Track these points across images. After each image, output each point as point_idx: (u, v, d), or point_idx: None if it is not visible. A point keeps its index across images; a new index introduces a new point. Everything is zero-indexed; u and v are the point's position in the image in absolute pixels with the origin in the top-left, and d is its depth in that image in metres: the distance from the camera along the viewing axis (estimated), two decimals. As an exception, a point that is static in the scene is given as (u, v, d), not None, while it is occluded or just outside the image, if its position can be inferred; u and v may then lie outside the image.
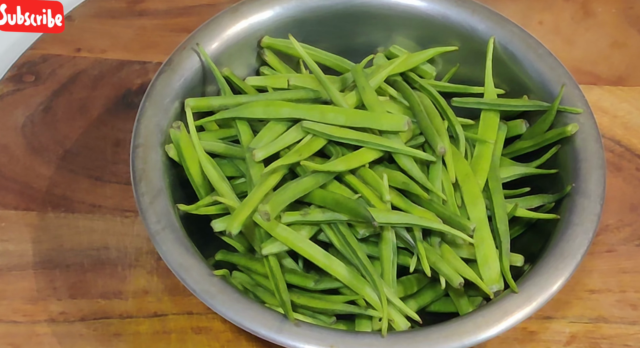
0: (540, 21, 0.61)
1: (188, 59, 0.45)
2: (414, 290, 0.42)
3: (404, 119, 0.42)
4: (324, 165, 0.40)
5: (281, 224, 0.40)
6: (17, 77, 0.55)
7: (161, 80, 0.44)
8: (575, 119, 0.44)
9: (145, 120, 0.43)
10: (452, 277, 0.39)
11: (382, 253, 0.40)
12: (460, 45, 0.49)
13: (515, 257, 0.42)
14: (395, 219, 0.39)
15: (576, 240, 0.40)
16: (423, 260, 0.39)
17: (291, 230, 0.40)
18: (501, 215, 0.42)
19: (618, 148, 0.53)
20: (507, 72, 0.47)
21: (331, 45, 0.50)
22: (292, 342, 0.36)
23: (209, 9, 0.59)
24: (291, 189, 0.40)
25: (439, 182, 0.42)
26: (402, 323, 0.39)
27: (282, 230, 0.40)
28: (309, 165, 0.40)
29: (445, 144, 0.42)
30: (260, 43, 0.48)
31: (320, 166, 0.40)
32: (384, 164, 0.43)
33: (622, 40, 0.60)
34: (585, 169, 0.43)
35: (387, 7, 0.49)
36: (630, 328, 0.46)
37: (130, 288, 0.46)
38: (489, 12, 0.48)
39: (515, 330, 0.45)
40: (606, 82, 0.57)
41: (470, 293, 0.42)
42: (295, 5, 0.48)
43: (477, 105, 0.46)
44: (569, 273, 0.39)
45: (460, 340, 0.37)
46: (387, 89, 0.46)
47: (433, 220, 0.40)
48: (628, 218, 0.50)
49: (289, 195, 0.40)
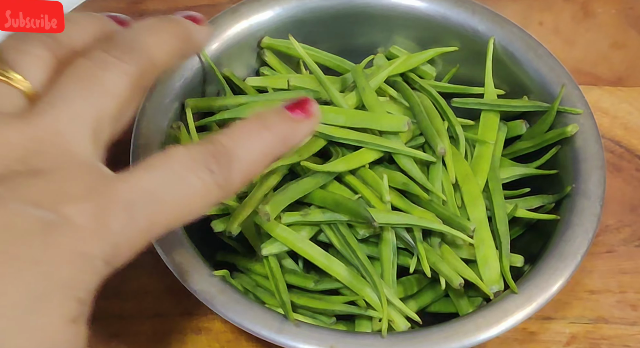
0: (540, 22, 0.61)
1: (188, 59, 0.45)
2: (414, 291, 0.42)
3: (404, 119, 0.42)
4: (324, 165, 0.40)
5: (281, 224, 0.40)
6: (17, 78, 0.55)
7: (161, 81, 0.44)
8: (575, 120, 0.44)
9: (145, 121, 0.43)
10: (452, 277, 0.39)
11: (382, 253, 0.40)
12: (460, 46, 0.49)
13: (515, 258, 0.42)
14: (395, 220, 0.39)
15: (576, 240, 0.40)
16: (423, 260, 0.39)
17: (291, 231, 0.40)
18: (501, 215, 0.42)
19: (618, 149, 0.53)
20: (507, 72, 0.48)
21: (331, 45, 0.50)
22: (292, 342, 0.36)
23: (209, 9, 0.59)
24: (291, 190, 0.40)
25: (439, 183, 0.42)
26: (401, 324, 0.39)
27: (282, 230, 0.40)
28: (309, 166, 0.40)
29: (445, 144, 0.42)
30: (260, 43, 0.48)
31: (320, 166, 0.40)
32: (384, 164, 0.43)
33: (622, 41, 0.60)
34: (585, 170, 0.43)
35: (387, 8, 0.49)
36: (630, 328, 0.46)
37: (130, 289, 0.46)
38: (489, 12, 0.48)
39: (515, 331, 0.45)
40: (606, 82, 0.57)
41: (470, 293, 0.42)
42: (296, 6, 0.48)
43: (477, 105, 0.46)
44: (569, 274, 0.39)
45: (460, 341, 0.37)
46: (387, 90, 0.46)
47: (433, 221, 0.40)
48: (628, 218, 0.50)
49: (289, 196, 0.40)
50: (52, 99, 0.27)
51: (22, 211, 0.24)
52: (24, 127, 0.26)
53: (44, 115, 0.27)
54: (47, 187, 0.25)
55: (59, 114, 0.27)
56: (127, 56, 0.29)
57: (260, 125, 0.30)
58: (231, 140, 0.29)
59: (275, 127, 0.31)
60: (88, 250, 0.25)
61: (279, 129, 0.31)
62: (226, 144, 0.29)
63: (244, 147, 0.29)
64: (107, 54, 0.29)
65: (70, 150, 0.27)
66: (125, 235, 0.26)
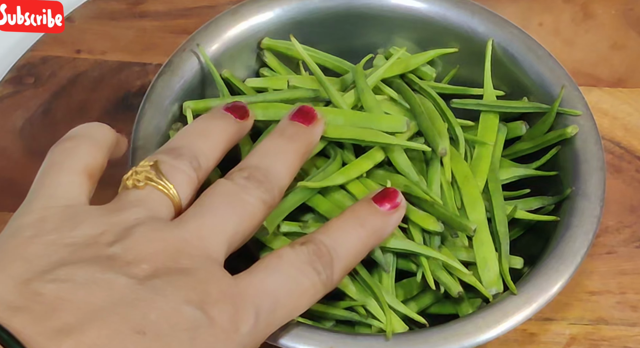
0: (540, 23, 0.61)
1: (188, 61, 0.46)
2: (414, 294, 0.42)
3: (403, 120, 0.42)
4: (323, 181, 0.40)
5: (280, 235, 0.40)
6: (16, 79, 0.55)
7: (161, 82, 0.44)
8: (575, 121, 0.44)
9: (145, 122, 0.43)
10: (451, 286, 0.39)
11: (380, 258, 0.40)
12: (460, 47, 0.49)
13: (515, 259, 0.42)
14: (399, 245, 0.39)
15: (576, 241, 0.40)
16: (427, 272, 0.39)
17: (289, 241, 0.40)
18: (501, 216, 0.42)
19: (618, 149, 0.53)
20: (506, 73, 0.47)
21: (331, 46, 0.50)
22: (292, 343, 0.36)
23: (209, 10, 0.59)
24: (287, 201, 0.40)
25: (437, 184, 0.42)
26: (400, 327, 0.39)
27: (281, 241, 0.40)
28: (307, 185, 0.40)
29: (446, 145, 0.42)
30: (260, 44, 0.48)
31: (318, 184, 0.40)
32: (384, 167, 0.43)
33: (622, 42, 0.60)
34: (585, 171, 0.43)
35: (387, 9, 0.49)
36: (630, 329, 0.46)
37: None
38: (489, 13, 0.48)
39: (515, 332, 0.45)
40: (606, 83, 0.57)
41: (470, 295, 0.42)
42: (296, 7, 0.48)
43: (477, 106, 0.46)
44: (569, 275, 0.39)
45: (460, 342, 0.36)
46: (384, 89, 0.46)
47: (433, 250, 0.40)
48: (628, 219, 0.50)
49: (286, 207, 0.40)
50: (201, 212, 0.31)
51: (177, 305, 0.27)
52: (176, 230, 0.30)
53: (191, 222, 0.30)
54: (194, 285, 0.28)
55: (205, 224, 0.30)
56: (264, 187, 0.33)
57: (356, 222, 0.33)
58: (330, 238, 0.32)
59: (369, 223, 0.34)
60: None
61: (372, 224, 0.34)
62: (327, 243, 0.32)
63: (343, 246, 0.32)
64: (248, 181, 0.33)
65: (210, 255, 0.30)
66: (251, 336, 0.29)
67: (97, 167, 0.34)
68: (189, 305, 0.27)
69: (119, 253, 0.28)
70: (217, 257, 0.30)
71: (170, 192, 0.32)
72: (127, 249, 0.28)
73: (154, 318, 0.26)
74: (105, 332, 0.25)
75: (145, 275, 0.27)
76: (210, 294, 0.28)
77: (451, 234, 0.41)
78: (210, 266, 0.29)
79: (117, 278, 0.27)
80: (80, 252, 0.28)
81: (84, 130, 0.35)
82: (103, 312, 0.26)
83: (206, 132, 0.35)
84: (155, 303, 0.26)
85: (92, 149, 0.34)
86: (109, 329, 0.25)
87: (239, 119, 0.37)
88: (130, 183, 0.32)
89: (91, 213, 0.30)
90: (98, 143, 0.34)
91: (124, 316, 0.26)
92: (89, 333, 0.25)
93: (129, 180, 0.32)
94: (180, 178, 0.32)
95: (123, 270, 0.27)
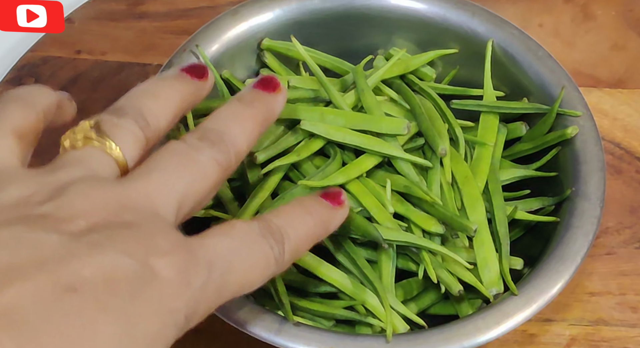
0: (540, 23, 0.61)
1: (188, 61, 0.45)
2: (414, 294, 0.42)
3: (403, 122, 0.42)
4: (323, 181, 0.40)
5: None
6: (16, 80, 0.55)
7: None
8: (575, 122, 0.44)
9: (145, 122, 0.43)
10: (452, 285, 0.39)
11: (380, 257, 0.40)
12: (460, 48, 0.49)
13: (515, 260, 0.42)
14: (402, 238, 0.39)
15: (576, 242, 0.40)
16: (429, 267, 0.39)
17: None
18: (501, 217, 0.42)
19: (618, 150, 0.53)
20: (506, 74, 0.48)
21: (331, 47, 0.50)
22: (292, 343, 0.36)
23: (209, 11, 0.59)
24: (287, 200, 0.40)
25: (438, 185, 0.42)
26: (401, 328, 0.39)
27: None
28: (308, 184, 0.40)
29: (446, 145, 0.42)
30: (260, 45, 0.48)
31: (318, 183, 0.40)
32: (385, 167, 0.43)
33: (622, 43, 0.60)
34: (585, 172, 0.43)
35: (387, 10, 0.49)
36: (630, 330, 0.46)
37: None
38: (489, 14, 0.48)
39: (515, 333, 0.45)
40: (606, 84, 0.57)
41: (470, 295, 0.42)
42: (296, 8, 0.49)
43: (477, 107, 0.46)
44: (569, 276, 0.39)
45: (460, 343, 0.36)
46: (384, 90, 0.46)
47: (433, 243, 0.40)
48: (628, 220, 0.50)
49: None
50: (147, 170, 0.29)
51: (118, 260, 0.25)
52: (119, 187, 0.28)
53: (138, 180, 0.28)
54: (139, 238, 0.26)
55: (152, 181, 0.28)
56: (218, 147, 0.31)
57: (303, 210, 0.32)
58: (280, 219, 0.31)
59: (316, 212, 0.33)
60: (173, 305, 0.26)
61: (319, 214, 0.33)
62: (277, 223, 0.31)
63: (292, 228, 0.31)
64: (200, 141, 0.30)
65: (157, 212, 0.28)
66: (204, 292, 0.27)
67: (28, 128, 0.31)
68: (131, 259, 0.25)
69: (51, 212, 0.26)
70: (165, 215, 0.28)
71: (114, 151, 0.29)
72: (60, 207, 0.26)
73: (88, 274, 0.24)
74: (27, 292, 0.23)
75: (80, 230, 0.25)
76: (156, 247, 0.26)
77: (451, 235, 0.41)
78: (158, 222, 0.27)
79: (47, 235, 0.24)
80: (6, 213, 0.26)
81: (14, 92, 0.32)
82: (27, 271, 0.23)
83: (155, 91, 0.33)
84: (91, 258, 0.24)
85: (21, 110, 0.31)
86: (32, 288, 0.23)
87: (196, 79, 0.34)
88: (68, 144, 0.30)
89: (22, 174, 0.28)
90: (29, 104, 0.31)
91: (52, 273, 0.23)
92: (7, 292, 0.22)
93: (66, 141, 0.30)
94: (124, 138, 0.30)
95: (55, 228, 0.25)
